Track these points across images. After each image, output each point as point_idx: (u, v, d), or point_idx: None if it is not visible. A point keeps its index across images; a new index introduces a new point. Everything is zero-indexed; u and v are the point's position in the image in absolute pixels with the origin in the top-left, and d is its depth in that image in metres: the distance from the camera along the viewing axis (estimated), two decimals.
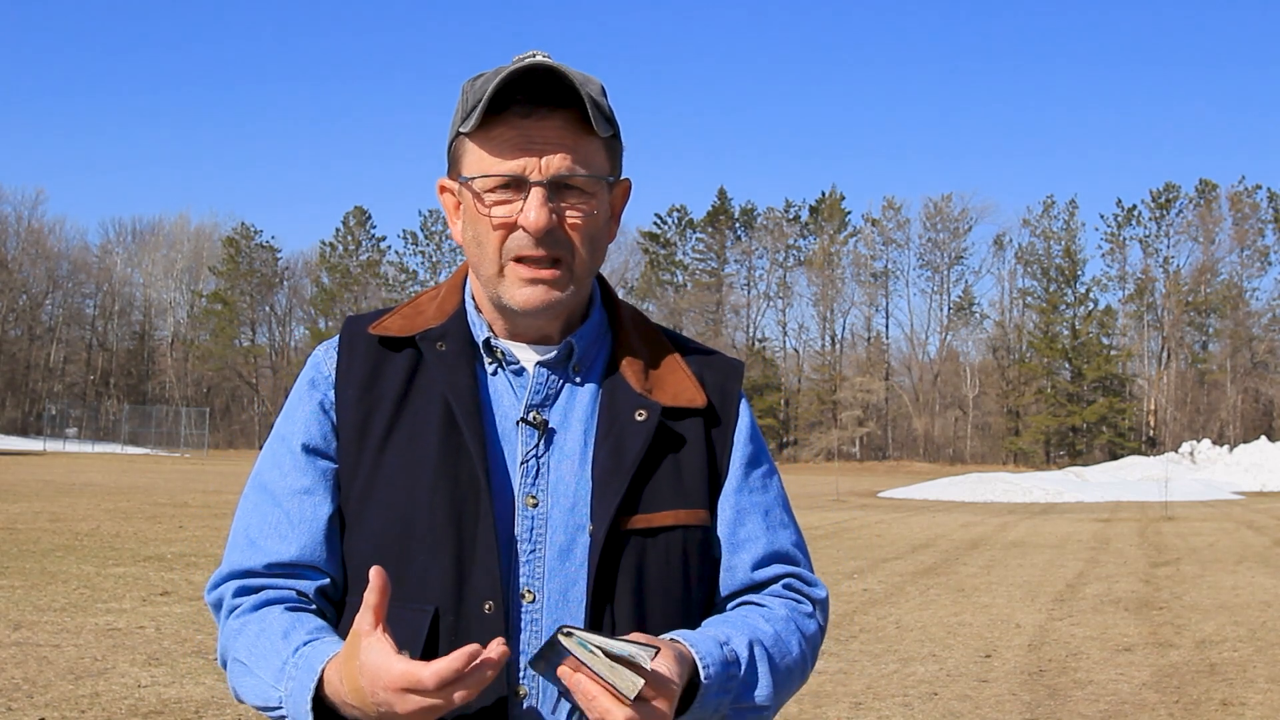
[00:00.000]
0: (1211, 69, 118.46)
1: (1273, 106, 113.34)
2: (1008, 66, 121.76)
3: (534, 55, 1.50)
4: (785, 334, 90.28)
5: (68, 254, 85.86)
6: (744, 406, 1.68)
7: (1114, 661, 8.63)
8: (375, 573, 1.33)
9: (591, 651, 1.30)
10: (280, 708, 1.43)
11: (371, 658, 1.30)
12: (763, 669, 1.51)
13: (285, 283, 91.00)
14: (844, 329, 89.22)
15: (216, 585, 1.60)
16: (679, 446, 1.58)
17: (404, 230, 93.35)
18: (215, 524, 18.27)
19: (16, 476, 30.58)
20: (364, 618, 1.32)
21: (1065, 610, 11.30)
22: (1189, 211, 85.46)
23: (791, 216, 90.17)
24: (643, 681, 1.30)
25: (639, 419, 1.55)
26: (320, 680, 1.39)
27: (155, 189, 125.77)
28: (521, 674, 1.49)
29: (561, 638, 1.31)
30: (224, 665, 1.56)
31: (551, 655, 1.35)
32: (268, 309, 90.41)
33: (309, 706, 1.38)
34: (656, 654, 1.31)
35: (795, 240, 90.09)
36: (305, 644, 1.45)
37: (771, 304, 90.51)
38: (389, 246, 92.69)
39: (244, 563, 1.58)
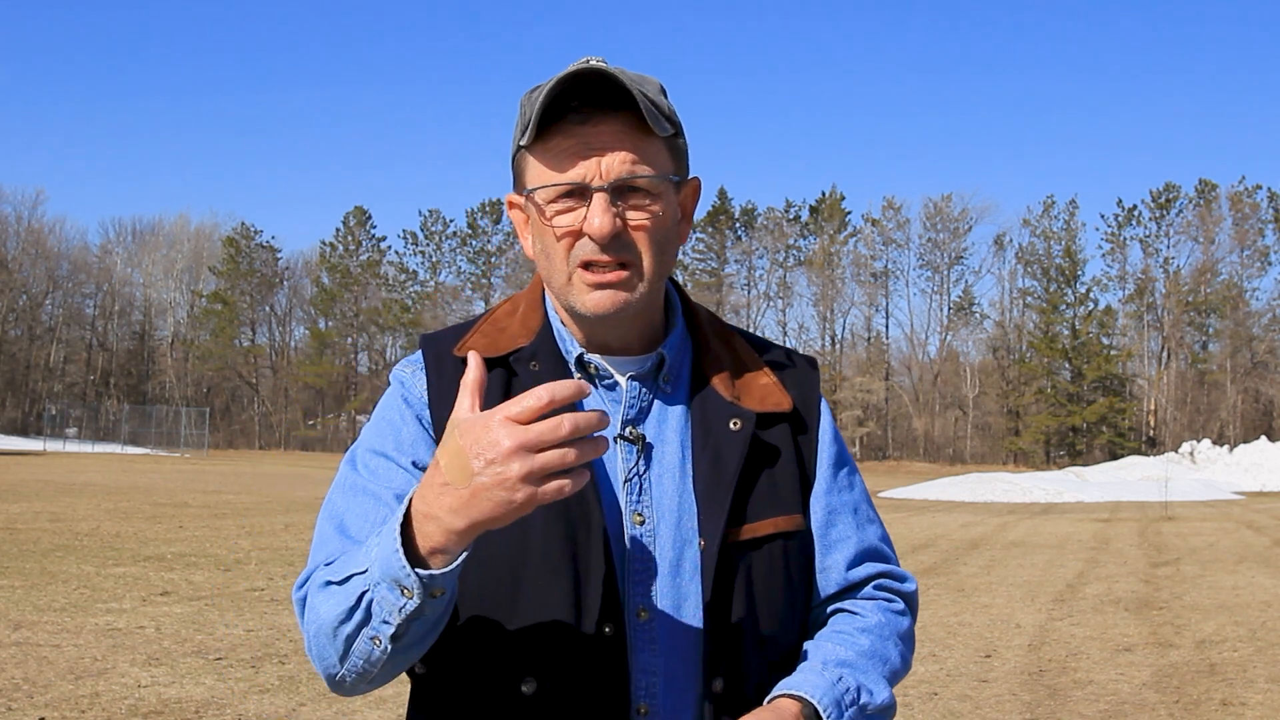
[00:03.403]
0: (1211, 69, 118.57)
1: (1273, 106, 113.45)
2: (1008, 66, 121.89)
3: (587, 61, 1.47)
4: (785, 334, 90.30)
5: (68, 254, 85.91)
6: (824, 406, 1.68)
7: (1114, 661, 8.63)
8: (472, 354, 1.30)
9: None
10: (365, 590, 1.31)
11: (467, 419, 1.24)
12: (873, 677, 1.53)
13: (285, 283, 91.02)
14: (844, 329, 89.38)
15: (308, 579, 1.47)
16: (772, 453, 1.58)
17: (404, 230, 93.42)
18: (215, 524, 18.27)
19: (16, 476, 30.56)
20: (462, 400, 1.26)
21: (1065, 610, 11.30)
22: (1189, 211, 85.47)
23: (791, 216, 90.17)
24: None
25: (734, 429, 1.54)
26: (408, 511, 1.28)
27: (155, 189, 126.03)
28: (644, 691, 1.48)
29: None
30: (309, 631, 1.42)
31: None
32: (268, 309, 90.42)
33: (396, 533, 1.27)
34: None
35: (795, 240, 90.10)
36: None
37: (771, 304, 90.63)
38: (389, 246, 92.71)
39: (341, 550, 1.46)
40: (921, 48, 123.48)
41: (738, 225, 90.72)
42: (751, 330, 2.23)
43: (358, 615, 1.33)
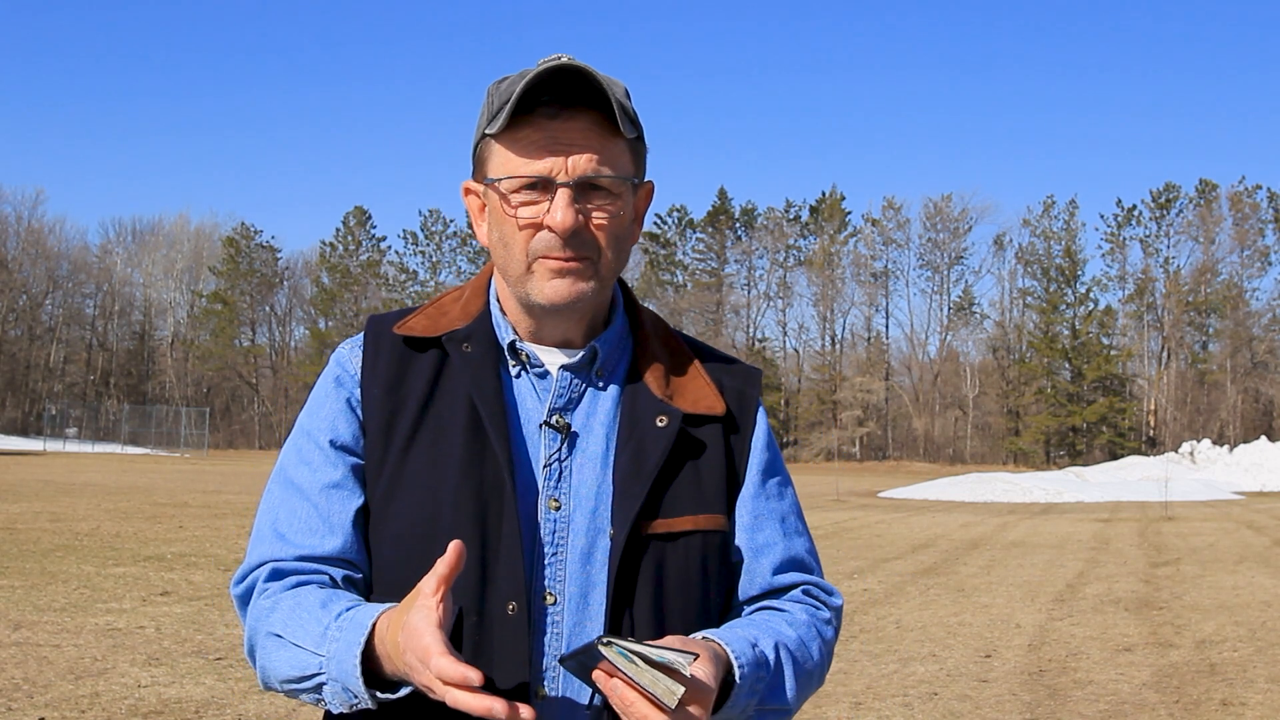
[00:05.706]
0: (1211, 69, 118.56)
1: (1273, 106, 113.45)
2: (1008, 66, 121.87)
3: (559, 58, 1.50)
4: (785, 334, 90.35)
5: (68, 254, 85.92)
6: (761, 414, 1.70)
7: (1114, 661, 8.63)
8: (454, 546, 1.31)
9: (632, 661, 1.28)
10: (320, 674, 1.40)
11: (415, 618, 1.29)
12: (788, 671, 1.52)
13: (285, 283, 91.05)
14: (844, 329, 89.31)
15: (245, 577, 1.57)
16: (698, 452, 1.59)
17: (404, 230, 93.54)
18: (215, 524, 18.28)
19: (16, 476, 30.58)
20: (429, 581, 1.30)
21: (1065, 610, 11.30)
22: (1189, 211, 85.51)
23: (791, 216, 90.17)
24: (683, 690, 1.28)
25: (660, 425, 1.57)
26: (371, 634, 1.37)
27: (155, 189, 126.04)
28: (544, 675, 1.50)
29: (601, 648, 1.29)
30: (252, 650, 1.53)
31: (586, 658, 1.33)
32: (268, 309, 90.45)
33: (357, 659, 1.35)
34: (695, 660, 1.30)
35: (795, 240, 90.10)
36: (348, 609, 1.43)
37: (771, 304, 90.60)
38: (389, 246, 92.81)
39: (273, 554, 1.55)
40: (922, 48, 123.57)
41: (738, 225, 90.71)
42: (751, 330, 2.23)
43: (308, 685, 1.43)
